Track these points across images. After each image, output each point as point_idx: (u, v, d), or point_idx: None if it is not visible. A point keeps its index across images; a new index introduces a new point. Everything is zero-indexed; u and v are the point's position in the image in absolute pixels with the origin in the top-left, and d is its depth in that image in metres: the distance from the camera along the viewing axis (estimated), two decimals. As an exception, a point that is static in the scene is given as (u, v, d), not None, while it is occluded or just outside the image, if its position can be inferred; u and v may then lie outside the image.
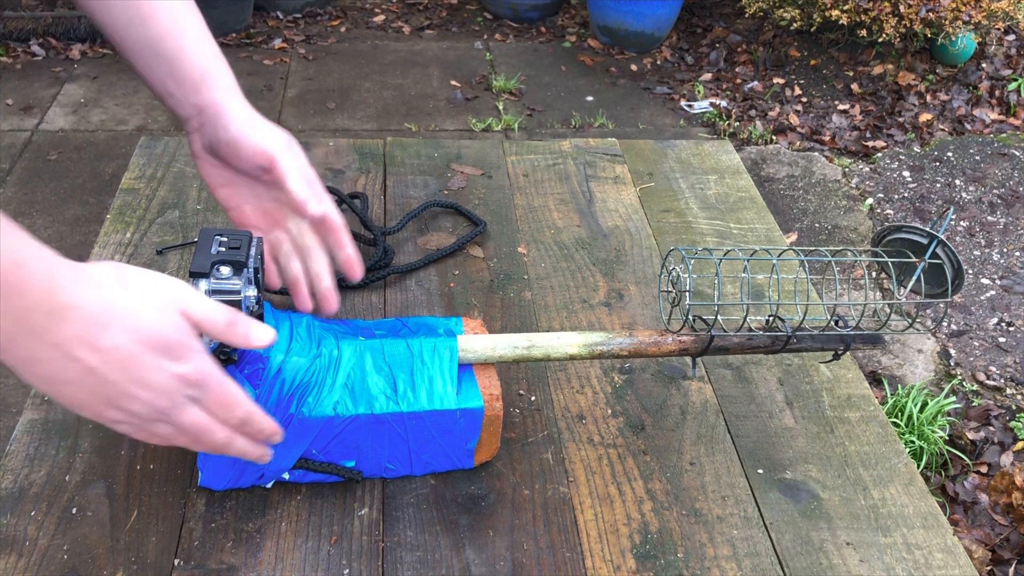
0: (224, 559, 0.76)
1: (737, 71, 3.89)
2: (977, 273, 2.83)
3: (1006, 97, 3.69)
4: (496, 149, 1.35)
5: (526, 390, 0.94)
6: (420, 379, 0.80)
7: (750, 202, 1.27)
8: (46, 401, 0.89)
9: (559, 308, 1.05)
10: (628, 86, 3.81)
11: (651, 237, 1.18)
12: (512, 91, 3.70)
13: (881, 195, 3.18)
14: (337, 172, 1.26)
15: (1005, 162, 3.35)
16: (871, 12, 3.34)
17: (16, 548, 0.75)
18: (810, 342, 0.84)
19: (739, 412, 0.94)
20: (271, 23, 4.16)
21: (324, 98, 3.60)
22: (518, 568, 0.77)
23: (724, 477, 0.87)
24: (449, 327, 0.85)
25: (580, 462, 0.87)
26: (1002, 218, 3.08)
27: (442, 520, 0.80)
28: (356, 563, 0.76)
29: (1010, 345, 2.54)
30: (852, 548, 0.81)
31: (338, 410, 0.77)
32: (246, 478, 0.79)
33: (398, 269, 1.07)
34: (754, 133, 3.46)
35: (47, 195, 2.97)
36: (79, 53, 3.79)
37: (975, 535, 1.96)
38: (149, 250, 1.09)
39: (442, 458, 0.83)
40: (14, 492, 0.80)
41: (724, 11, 4.29)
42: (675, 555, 0.79)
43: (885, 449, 0.91)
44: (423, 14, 4.39)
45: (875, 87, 3.73)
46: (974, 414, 2.29)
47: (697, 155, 1.37)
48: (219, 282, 0.72)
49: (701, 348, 0.83)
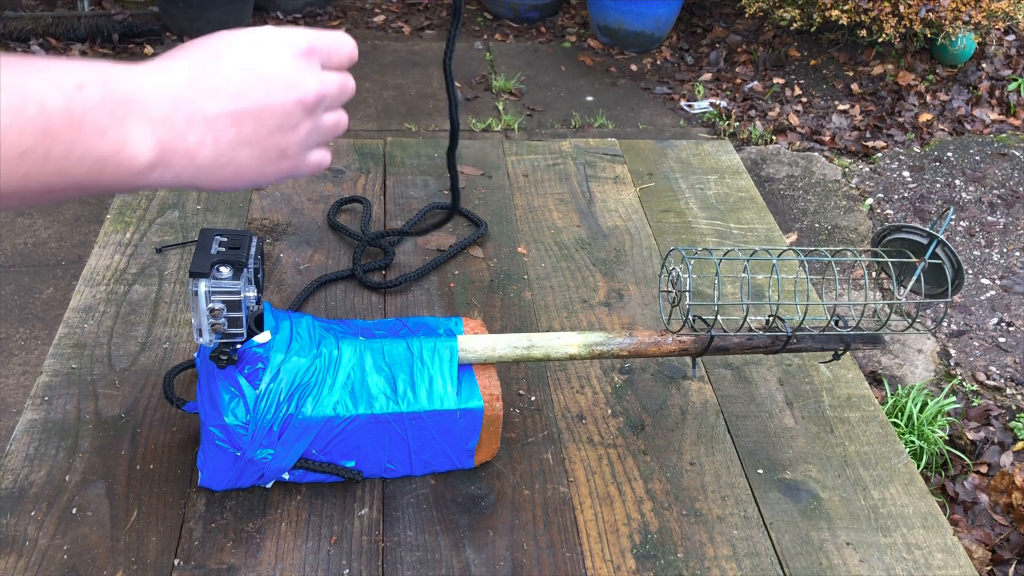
0: (224, 559, 0.76)
1: (737, 71, 3.89)
2: (977, 273, 2.83)
3: (1006, 97, 3.69)
4: (496, 149, 1.35)
5: (526, 390, 0.94)
6: (420, 379, 0.80)
7: (750, 202, 1.27)
8: (46, 401, 0.89)
9: (559, 308, 1.05)
10: (628, 86, 3.81)
11: (651, 237, 1.18)
12: (512, 91, 3.70)
13: (881, 195, 3.17)
14: (337, 172, 1.26)
15: (1005, 162, 3.35)
16: (871, 12, 3.34)
17: (16, 548, 0.75)
18: (810, 342, 0.84)
19: (739, 412, 0.94)
20: (271, 23, 4.17)
21: (324, 98, 3.60)
22: (518, 568, 0.77)
23: (724, 477, 0.87)
24: (449, 327, 0.85)
25: (580, 462, 0.87)
26: (1002, 218, 3.08)
27: (442, 520, 0.80)
28: (356, 563, 0.76)
29: (1010, 345, 2.54)
30: (852, 548, 0.81)
31: (338, 410, 0.77)
32: (246, 478, 0.79)
33: (408, 276, 1.07)
34: (754, 133, 3.46)
35: (47, 195, 2.96)
36: (79, 53, 3.79)
37: (975, 535, 1.96)
38: (149, 250, 1.09)
39: (442, 458, 0.83)
40: (14, 492, 0.80)
41: (724, 11, 4.28)
42: (675, 555, 0.79)
43: (885, 449, 0.91)
44: (423, 14, 4.39)
45: (875, 87, 3.73)
46: (974, 414, 2.29)
47: (697, 155, 1.37)
48: (219, 282, 0.72)
49: (701, 348, 0.83)
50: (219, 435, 0.75)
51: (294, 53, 0.56)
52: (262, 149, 0.55)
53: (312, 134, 0.59)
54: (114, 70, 0.50)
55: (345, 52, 0.61)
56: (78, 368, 0.93)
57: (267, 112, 0.55)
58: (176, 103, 0.51)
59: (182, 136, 0.51)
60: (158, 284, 1.04)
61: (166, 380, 0.88)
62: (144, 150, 0.50)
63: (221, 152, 0.53)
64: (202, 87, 0.52)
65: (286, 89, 0.55)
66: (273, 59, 0.55)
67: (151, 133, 0.50)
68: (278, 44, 0.56)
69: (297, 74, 0.56)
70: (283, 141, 0.56)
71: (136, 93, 0.50)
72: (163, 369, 0.93)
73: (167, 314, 1.00)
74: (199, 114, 0.52)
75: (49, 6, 4.00)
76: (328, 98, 0.59)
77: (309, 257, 1.10)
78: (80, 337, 0.97)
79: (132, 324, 0.99)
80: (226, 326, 0.74)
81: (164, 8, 3.88)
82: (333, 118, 0.61)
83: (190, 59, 0.53)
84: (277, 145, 0.56)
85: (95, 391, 0.90)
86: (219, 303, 0.72)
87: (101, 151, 0.48)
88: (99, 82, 0.48)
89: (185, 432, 0.86)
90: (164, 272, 1.06)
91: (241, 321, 0.74)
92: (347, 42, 0.61)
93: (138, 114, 0.49)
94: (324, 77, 0.58)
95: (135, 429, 0.86)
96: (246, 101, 0.54)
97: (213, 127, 0.52)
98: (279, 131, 0.56)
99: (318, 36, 0.58)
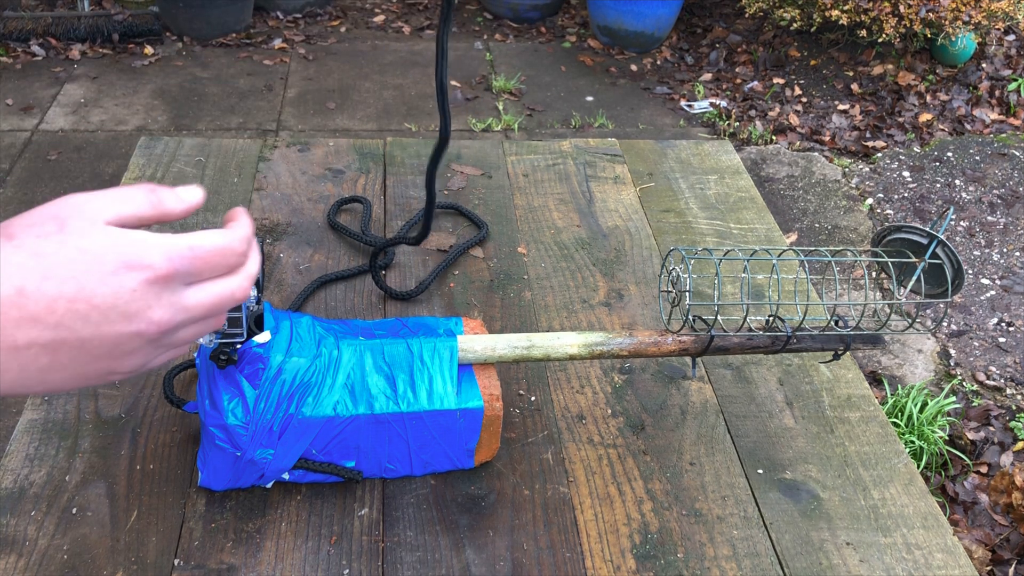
0: (224, 559, 0.76)
1: (737, 71, 3.89)
2: (977, 273, 2.83)
3: (1006, 97, 3.69)
4: (496, 149, 1.35)
5: (526, 390, 0.94)
6: (420, 379, 0.80)
7: (750, 202, 1.27)
8: (46, 401, 0.89)
9: (559, 308, 1.05)
10: (628, 86, 3.81)
11: (651, 237, 1.18)
12: (512, 91, 3.70)
13: (881, 195, 3.17)
14: (337, 172, 1.26)
15: (1005, 162, 3.35)
16: (871, 12, 3.34)
17: (16, 548, 0.75)
18: (810, 342, 0.84)
19: (739, 412, 0.94)
20: (271, 23, 4.16)
21: (324, 98, 3.60)
22: (518, 568, 0.77)
23: (724, 477, 0.87)
24: (449, 327, 0.85)
25: (580, 462, 0.87)
26: (1002, 218, 3.08)
27: (442, 520, 0.80)
28: (356, 563, 0.76)
29: (1010, 345, 2.54)
30: (852, 548, 0.81)
31: (338, 410, 0.77)
32: (246, 478, 0.79)
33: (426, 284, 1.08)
34: (754, 133, 3.46)
35: (47, 195, 2.97)
36: (79, 53, 3.79)
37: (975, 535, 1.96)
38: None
39: (442, 458, 0.83)
40: (14, 492, 0.80)
41: (724, 11, 4.28)
42: (675, 555, 0.79)
43: (885, 449, 0.91)
44: (423, 14, 4.39)
45: (875, 87, 3.73)
46: (974, 414, 2.29)
47: (697, 155, 1.37)
48: (219, 282, 0.72)
49: (701, 348, 0.83)
50: (219, 435, 0.75)
51: (144, 280, 0.47)
52: (82, 373, 0.47)
53: (160, 349, 0.50)
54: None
55: (232, 253, 0.51)
56: (78, 368, 0.93)
57: (94, 343, 0.46)
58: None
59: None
60: (158, 284, 1.04)
61: (166, 380, 0.88)
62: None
63: (28, 377, 0.46)
64: (15, 313, 0.44)
65: (124, 320, 0.46)
66: (113, 287, 0.46)
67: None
68: (126, 266, 0.46)
69: (142, 304, 0.47)
70: (112, 365, 0.48)
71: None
72: (163, 369, 0.93)
73: (167, 314, 1.00)
74: (6, 342, 0.44)
75: (49, 6, 4.00)
76: (186, 322, 0.50)
77: (309, 257, 1.10)
78: (80, 337, 0.96)
79: (132, 324, 0.98)
80: (226, 326, 0.74)
81: (164, 8, 3.88)
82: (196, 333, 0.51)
83: (9, 270, 0.44)
84: (104, 368, 0.48)
85: (95, 391, 0.90)
86: (219, 303, 0.72)
87: None
88: None
89: (185, 432, 0.86)
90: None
91: (241, 321, 0.74)
92: (235, 238, 0.52)
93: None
94: (182, 303, 0.49)
95: (135, 429, 0.86)
96: (68, 332, 0.45)
97: (20, 356, 0.45)
98: (108, 358, 0.48)
99: (185, 255, 0.48)
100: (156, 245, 0.48)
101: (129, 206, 0.49)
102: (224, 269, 0.51)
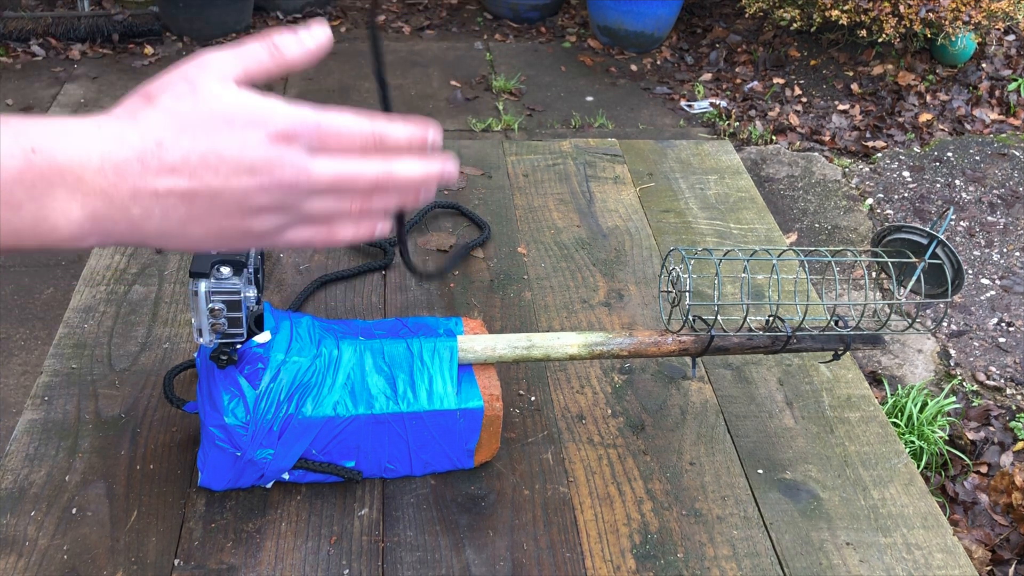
0: (224, 559, 0.76)
1: (737, 71, 3.89)
2: (977, 273, 2.83)
3: (1006, 97, 3.69)
4: (496, 149, 1.35)
5: (526, 390, 0.94)
6: (420, 379, 0.80)
7: (750, 202, 1.27)
8: (46, 401, 0.89)
9: (559, 308, 1.05)
10: (628, 86, 3.81)
11: (651, 237, 1.18)
12: (512, 91, 3.70)
13: (881, 195, 3.17)
14: (337, 172, 1.26)
15: (1005, 162, 3.35)
16: (871, 12, 3.34)
17: (16, 548, 0.75)
18: (810, 342, 0.84)
19: (739, 412, 0.94)
20: (271, 23, 4.16)
21: (324, 98, 3.60)
22: (518, 568, 0.77)
23: (724, 477, 0.87)
24: (449, 327, 0.85)
25: (580, 462, 0.87)
26: (1002, 218, 3.08)
27: (442, 520, 0.80)
28: (356, 563, 0.76)
29: (1010, 345, 2.54)
30: (852, 548, 0.81)
31: (338, 410, 0.77)
32: (246, 478, 0.79)
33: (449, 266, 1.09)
34: (754, 133, 3.46)
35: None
36: (79, 53, 3.79)
37: (975, 535, 1.96)
38: (149, 250, 1.09)
39: (442, 458, 0.83)
40: (14, 492, 0.80)
41: (724, 11, 4.28)
42: (675, 555, 0.79)
43: (885, 449, 0.91)
44: (423, 14, 4.39)
45: (875, 87, 3.73)
46: (974, 414, 2.29)
47: (697, 155, 1.37)
48: (219, 282, 0.72)
49: (701, 348, 0.83)
50: (219, 435, 0.75)
51: (267, 135, 0.50)
52: (219, 229, 0.51)
53: (288, 215, 0.52)
54: (51, 133, 0.47)
55: (361, 135, 0.53)
56: (78, 368, 0.93)
57: (224, 196, 0.50)
58: (122, 176, 0.47)
59: (123, 208, 0.48)
60: (158, 284, 1.04)
61: (166, 380, 0.88)
62: (68, 223, 0.47)
63: (170, 227, 0.50)
64: (154, 163, 0.48)
65: (249, 174, 0.49)
66: (240, 142, 0.49)
67: (81, 207, 0.47)
68: (252, 123, 0.50)
69: (265, 159, 0.50)
70: (243, 224, 0.51)
71: (70, 163, 0.46)
72: (163, 369, 0.93)
73: (167, 314, 1.00)
74: (147, 189, 0.48)
75: (49, 6, 4.00)
76: (313, 190, 0.52)
77: (309, 257, 1.10)
78: (80, 337, 0.97)
79: (132, 324, 0.99)
80: (226, 326, 0.74)
81: (164, 8, 3.88)
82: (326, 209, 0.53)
83: (149, 125, 0.48)
84: (237, 227, 0.51)
85: (95, 391, 0.90)
86: (219, 303, 0.72)
87: (15, 225, 0.46)
88: (22, 151, 0.45)
89: (185, 432, 0.86)
90: (164, 272, 1.06)
91: (241, 321, 0.74)
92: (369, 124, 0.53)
93: (68, 187, 0.46)
94: (306, 166, 0.51)
95: (135, 429, 0.86)
96: (200, 183, 0.49)
97: (161, 203, 0.48)
98: (239, 214, 0.51)
99: (308, 119, 0.51)
100: (281, 107, 0.51)
101: (251, 60, 0.53)
102: (354, 148, 0.53)
